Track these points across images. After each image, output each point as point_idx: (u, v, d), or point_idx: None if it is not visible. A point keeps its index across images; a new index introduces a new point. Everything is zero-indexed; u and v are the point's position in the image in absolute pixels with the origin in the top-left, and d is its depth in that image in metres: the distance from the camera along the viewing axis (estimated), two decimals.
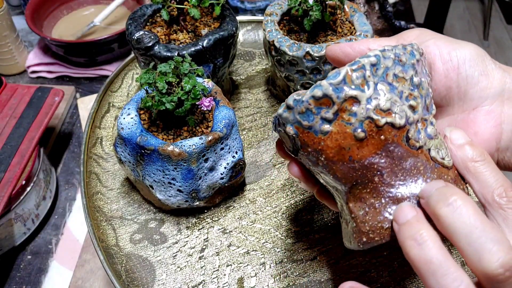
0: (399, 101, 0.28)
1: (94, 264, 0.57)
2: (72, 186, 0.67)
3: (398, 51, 0.28)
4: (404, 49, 0.29)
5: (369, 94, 0.27)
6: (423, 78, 0.30)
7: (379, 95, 0.27)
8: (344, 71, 0.27)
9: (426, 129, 0.29)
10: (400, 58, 0.28)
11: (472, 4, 2.30)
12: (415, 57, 0.29)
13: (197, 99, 0.42)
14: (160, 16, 0.55)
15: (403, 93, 0.28)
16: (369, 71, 0.27)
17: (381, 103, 0.27)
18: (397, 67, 0.28)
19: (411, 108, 0.28)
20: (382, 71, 0.28)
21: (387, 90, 0.27)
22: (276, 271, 0.45)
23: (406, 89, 0.28)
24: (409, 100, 0.28)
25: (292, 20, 0.56)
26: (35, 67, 0.82)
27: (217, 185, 0.47)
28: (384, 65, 0.28)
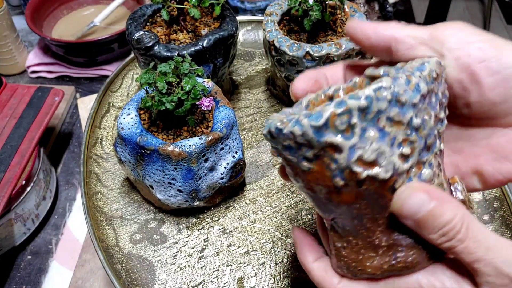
0: (388, 151, 0.24)
1: (94, 264, 0.57)
2: (72, 186, 0.67)
3: (398, 88, 0.23)
4: (407, 84, 0.23)
5: (352, 143, 0.23)
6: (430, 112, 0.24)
7: (365, 144, 0.23)
8: (328, 113, 0.23)
9: (420, 173, 0.25)
10: (398, 97, 0.23)
11: (472, 4, 2.30)
12: (420, 92, 0.23)
13: (197, 99, 0.42)
14: (160, 16, 0.55)
15: (395, 140, 0.24)
16: (356, 117, 0.23)
17: (366, 154, 0.23)
18: (393, 109, 0.23)
19: (402, 157, 0.24)
20: (373, 116, 0.23)
21: (375, 139, 0.23)
22: (276, 271, 0.45)
23: (400, 134, 0.24)
24: (402, 146, 0.24)
25: (292, 20, 0.56)
26: (35, 67, 0.82)
27: (217, 185, 0.47)
28: (376, 109, 0.23)
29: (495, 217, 0.48)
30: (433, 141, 0.25)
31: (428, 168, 0.25)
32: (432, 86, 0.24)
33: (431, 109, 0.24)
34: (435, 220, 0.23)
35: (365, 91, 0.23)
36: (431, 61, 0.25)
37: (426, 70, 0.24)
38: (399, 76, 0.23)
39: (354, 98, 0.22)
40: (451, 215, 0.23)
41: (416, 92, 0.23)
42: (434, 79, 0.24)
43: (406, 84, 0.23)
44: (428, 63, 0.25)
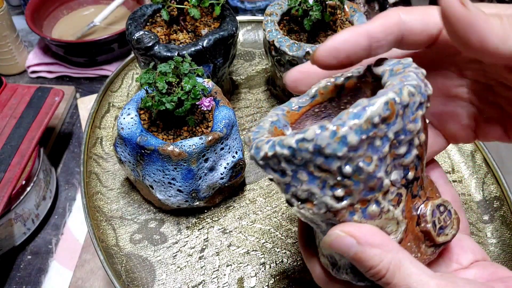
0: (318, 193, 0.24)
1: (94, 264, 0.57)
2: (72, 186, 0.67)
3: (320, 141, 0.22)
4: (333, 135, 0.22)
5: (286, 181, 0.24)
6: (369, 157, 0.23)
7: (297, 183, 0.24)
8: (263, 153, 0.24)
9: (365, 209, 0.24)
10: (321, 150, 0.22)
11: None
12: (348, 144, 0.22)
13: (197, 99, 0.42)
14: (160, 16, 0.55)
15: (326, 183, 0.24)
16: (284, 163, 0.24)
17: (298, 193, 0.24)
18: (318, 159, 0.23)
19: (335, 198, 0.24)
20: (300, 163, 0.23)
21: (305, 181, 0.24)
22: (276, 271, 0.45)
23: (331, 179, 0.23)
24: (335, 189, 0.24)
25: (292, 20, 0.56)
26: (35, 67, 0.82)
27: (217, 185, 0.47)
28: (300, 157, 0.23)
29: (495, 217, 0.48)
30: (376, 182, 0.24)
31: (374, 205, 0.24)
32: (372, 132, 0.23)
33: (372, 153, 0.23)
34: (361, 263, 0.24)
35: (290, 141, 0.23)
36: (375, 103, 0.22)
37: (363, 117, 0.22)
38: (326, 126, 0.22)
39: (280, 146, 0.23)
40: (376, 261, 0.24)
41: (342, 145, 0.22)
42: (377, 123, 0.22)
43: (330, 137, 0.22)
44: (370, 106, 0.22)
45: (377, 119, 0.22)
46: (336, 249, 0.25)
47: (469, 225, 0.48)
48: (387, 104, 0.22)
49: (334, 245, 0.25)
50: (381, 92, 0.23)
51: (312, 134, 0.22)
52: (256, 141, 0.26)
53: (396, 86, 0.23)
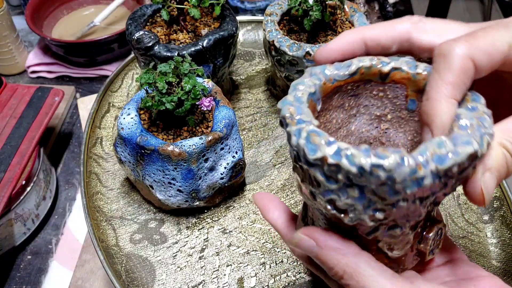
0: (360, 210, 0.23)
1: (94, 264, 0.57)
2: (72, 186, 0.67)
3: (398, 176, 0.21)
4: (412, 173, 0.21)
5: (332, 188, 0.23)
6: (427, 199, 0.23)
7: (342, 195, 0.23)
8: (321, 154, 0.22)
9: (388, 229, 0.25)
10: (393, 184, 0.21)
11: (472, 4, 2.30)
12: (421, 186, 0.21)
13: (197, 99, 0.42)
14: (160, 16, 0.55)
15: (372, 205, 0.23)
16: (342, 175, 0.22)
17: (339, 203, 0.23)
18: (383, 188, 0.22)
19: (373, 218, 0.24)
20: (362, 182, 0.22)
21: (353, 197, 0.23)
22: (276, 271, 0.45)
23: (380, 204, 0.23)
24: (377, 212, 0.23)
25: (292, 20, 0.56)
26: (35, 67, 0.82)
27: (217, 185, 0.47)
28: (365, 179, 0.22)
29: (495, 217, 0.48)
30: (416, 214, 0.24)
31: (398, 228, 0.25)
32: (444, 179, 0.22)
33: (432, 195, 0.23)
34: (321, 263, 0.26)
35: (363, 162, 0.21)
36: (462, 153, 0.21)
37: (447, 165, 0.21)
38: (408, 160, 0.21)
39: (349, 161, 0.21)
40: (333, 263, 0.25)
41: (416, 185, 0.21)
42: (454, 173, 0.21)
43: (409, 174, 0.21)
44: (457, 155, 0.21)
45: (456, 169, 0.21)
46: (301, 249, 0.27)
47: (469, 225, 0.48)
48: (470, 157, 0.21)
49: (299, 245, 0.27)
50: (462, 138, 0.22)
51: (391, 165, 0.20)
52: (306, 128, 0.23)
53: (476, 133, 0.22)
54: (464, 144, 0.21)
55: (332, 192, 0.23)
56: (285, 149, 0.55)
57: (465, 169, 0.22)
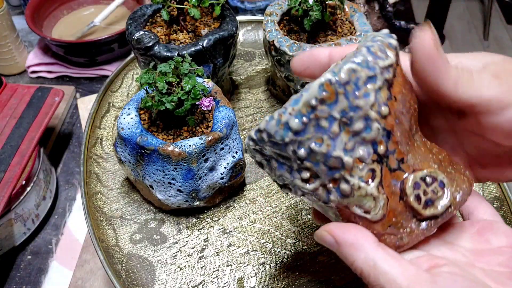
0: (289, 177, 0.26)
1: (94, 264, 0.57)
2: (72, 186, 0.67)
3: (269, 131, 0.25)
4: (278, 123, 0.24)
5: (266, 170, 0.28)
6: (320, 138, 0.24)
7: (271, 171, 0.28)
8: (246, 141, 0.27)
9: (337, 188, 0.26)
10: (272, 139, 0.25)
11: (472, 4, 2.30)
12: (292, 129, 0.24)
13: (197, 99, 0.42)
14: (160, 16, 0.55)
15: (291, 168, 0.26)
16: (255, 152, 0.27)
17: (277, 179, 0.28)
18: (275, 146, 0.25)
19: (304, 181, 0.26)
20: (266, 151, 0.27)
21: (276, 168, 0.27)
22: (276, 271, 0.45)
23: (293, 163, 0.26)
24: (300, 172, 0.26)
25: (292, 20, 0.56)
26: (35, 67, 0.82)
27: (217, 185, 0.47)
28: (262, 146, 0.26)
29: None
30: (335, 160, 0.25)
31: (343, 183, 0.25)
32: (312, 115, 0.24)
33: (321, 133, 0.24)
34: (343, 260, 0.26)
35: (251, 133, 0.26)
36: (310, 87, 0.24)
37: (301, 102, 0.24)
38: (273, 115, 0.25)
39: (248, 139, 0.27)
40: (350, 260, 0.25)
41: (287, 130, 0.24)
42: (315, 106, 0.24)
43: (276, 125, 0.24)
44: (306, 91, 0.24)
45: (314, 102, 0.24)
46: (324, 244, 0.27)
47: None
48: (322, 86, 0.24)
49: (321, 242, 0.27)
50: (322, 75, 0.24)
51: (264, 124, 0.25)
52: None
53: (338, 66, 0.24)
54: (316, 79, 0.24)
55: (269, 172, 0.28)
56: None
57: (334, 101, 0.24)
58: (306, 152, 0.25)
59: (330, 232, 0.26)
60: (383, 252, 0.25)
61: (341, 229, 0.26)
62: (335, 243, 0.26)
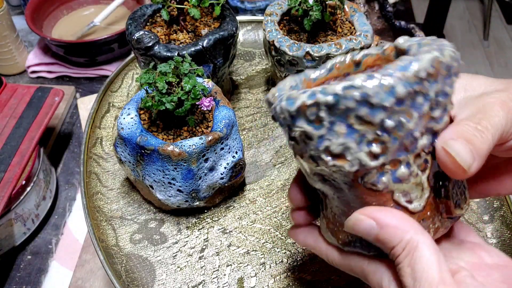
0: (354, 148, 0.24)
1: (94, 264, 0.57)
2: (72, 186, 0.67)
3: (368, 89, 0.22)
4: (381, 86, 0.22)
5: (321, 134, 0.24)
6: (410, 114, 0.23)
7: (332, 137, 0.24)
8: (300, 102, 0.24)
9: (394, 171, 0.24)
10: (368, 99, 0.22)
11: (472, 4, 2.30)
12: (395, 95, 0.22)
13: (197, 99, 0.42)
14: (160, 16, 0.55)
15: (364, 138, 0.23)
16: (324, 112, 0.23)
17: (332, 146, 0.24)
18: (362, 109, 0.23)
19: (371, 154, 0.24)
20: (341, 112, 0.23)
21: (342, 134, 0.23)
22: (276, 271, 0.45)
23: (370, 133, 0.23)
24: (371, 145, 0.23)
25: (292, 20, 0.56)
26: (35, 67, 0.82)
27: (217, 185, 0.47)
28: (344, 106, 0.23)
29: (495, 217, 0.48)
30: (412, 141, 0.24)
31: (404, 167, 0.25)
32: (417, 87, 0.23)
33: (414, 110, 0.23)
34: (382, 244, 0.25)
35: (335, 88, 0.23)
36: (423, 59, 0.23)
37: (411, 70, 0.22)
38: (375, 75, 0.22)
39: (323, 93, 0.23)
40: (396, 240, 0.25)
41: (390, 95, 0.22)
42: (423, 79, 0.23)
43: (379, 86, 0.22)
44: (417, 61, 0.23)
45: (423, 74, 0.23)
46: (358, 232, 0.26)
47: (469, 225, 0.48)
48: (433, 61, 0.23)
49: (355, 229, 0.26)
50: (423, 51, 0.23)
51: (360, 82, 0.22)
52: (285, 94, 0.25)
53: (436, 47, 0.24)
54: (425, 53, 0.23)
55: (323, 138, 0.24)
56: (285, 149, 0.55)
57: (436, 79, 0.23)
58: (394, 124, 0.23)
59: (370, 215, 0.25)
60: (428, 237, 0.24)
61: (383, 212, 0.25)
62: (375, 227, 0.25)
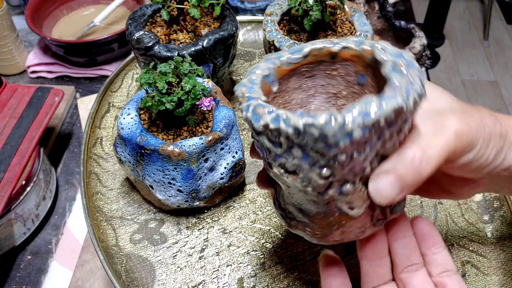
0: (307, 169, 0.25)
1: (94, 264, 0.57)
2: (72, 186, 0.67)
3: (328, 131, 0.23)
4: (342, 128, 0.23)
5: (278, 153, 0.26)
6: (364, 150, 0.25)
7: (288, 157, 0.25)
8: (263, 122, 0.25)
9: (341, 187, 0.26)
10: (325, 139, 0.23)
11: (472, 4, 2.30)
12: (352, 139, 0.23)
13: (197, 99, 0.42)
14: (160, 16, 0.55)
15: (317, 163, 0.25)
16: (284, 137, 0.24)
17: (287, 165, 0.26)
18: (319, 144, 0.24)
19: (321, 176, 0.25)
20: (300, 141, 0.24)
21: (298, 157, 0.25)
22: (276, 271, 0.45)
23: (323, 160, 0.24)
24: (323, 169, 0.25)
25: (292, 20, 0.56)
26: (35, 67, 0.82)
27: (217, 185, 0.47)
28: (303, 139, 0.24)
29: (495, 217, 0.48)
30: (361, 168, 0.26)
31: (349, 184, 0.26)
32: (374, 131, 0.24)
33: (367, 147, 0.24)
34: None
35: (296, 122, 0.23)
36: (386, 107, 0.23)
37: (372, 119, 0.23)
38: (337, 117, 0.23)
39: (286, 123, 0.24)
40: None
41: (347, 137, 0.23)
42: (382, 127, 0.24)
43: (338, 129, 0.23)
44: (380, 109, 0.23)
45: (383, 123, 0.24)
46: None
47: (469, 225, 0.48)
48: (395, 111, 0.24)
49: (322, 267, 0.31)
50: (389, 96, 0.24)
51: (322, 122, 0.23)
52: (253, 103, 0.26)
53: (403, 91, 0.24)
54: (389, 100, 0.24)
55: (280, 156, 0.26)
56: None
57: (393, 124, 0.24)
58: (346, 159, 0.24)
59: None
60: None
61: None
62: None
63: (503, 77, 1.95)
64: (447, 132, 0.27)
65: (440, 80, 1.93)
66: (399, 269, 0.32)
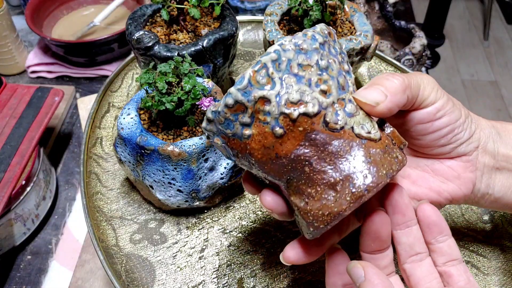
0: (308, 90, 0.28)
1: (94, 264, 0.57)
2: (72, 186, 0.67)
3: (297, 39, 0.28)
4: (304, 36, 0.28)
5: (276, 91, 0.28)
6: (332, 58, 0.29)
7: (287, 88, 0.28)
8: (248, 74, 0.27)
9: (344, 108, 0.29)
10: (300, 46, 0.28)
11: (472, 4, 2.30)
12: (318, 41, 0.28)
13: (197, 99, 0.42)
14: (160, 16, 0.55)
15: (311, 80, 0.28)
16: (271, 68, 0.27)
17: (290, 96, 0.28)
18: (300, 56, 0.28)
19: (322, 92, 0.28)
20: (285, 64, 0.28)
21: (294, 82, 0.28)
22: (276, 271, 0.45)
23: (314, 75, 0.28)
24: (319, 85, 0.28)
25: (292, 20, 0.56)
26: (35, 67, 0.82)
27: (217, 185, 0.47)
28: (285, 58, 0.28)
29: (495, 217, 0.48)
30: (344, 82, 0.30)
31: (349, 103, 0.29)
32: (326, 39, 0.29)
33: (333, 56, 0.29)
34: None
35: (273, 47, 0.28)
36: (319, 26, 0.30)
37: (318, 28, 0.29)
38: (297, 33, 0.28)
39: (266, 55, 0.27)
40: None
41: (314, 40, 0.28)
42: (327, 35, 0.30)
43: (303, 36, 0.28)
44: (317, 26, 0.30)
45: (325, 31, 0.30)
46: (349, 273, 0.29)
47: (469, 225, 0.48)
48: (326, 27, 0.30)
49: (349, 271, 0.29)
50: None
51: (289, 37, 0.28)
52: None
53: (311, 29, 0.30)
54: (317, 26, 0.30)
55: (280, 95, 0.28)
56: None
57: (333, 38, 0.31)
58: (326, 63, 0.28)
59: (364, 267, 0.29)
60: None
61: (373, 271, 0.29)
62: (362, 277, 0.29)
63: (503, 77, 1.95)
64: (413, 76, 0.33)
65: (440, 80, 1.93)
66: (403, 260, 0.31)
